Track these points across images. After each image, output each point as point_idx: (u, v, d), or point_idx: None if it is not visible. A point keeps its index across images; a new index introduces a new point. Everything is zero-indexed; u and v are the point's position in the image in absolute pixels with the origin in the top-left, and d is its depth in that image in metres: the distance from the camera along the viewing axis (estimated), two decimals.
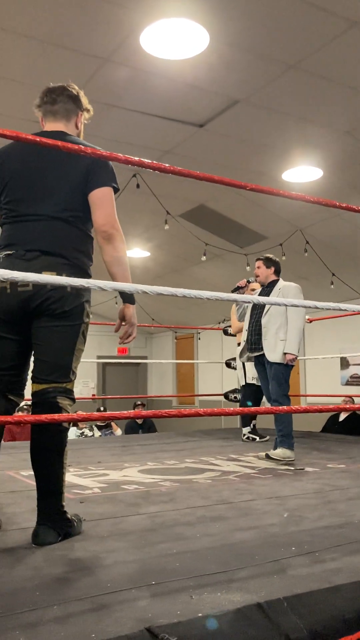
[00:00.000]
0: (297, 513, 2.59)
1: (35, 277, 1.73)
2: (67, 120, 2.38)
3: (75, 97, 2.40)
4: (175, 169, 2.07)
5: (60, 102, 2.36)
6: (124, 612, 1.43)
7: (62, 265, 2.19)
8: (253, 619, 1.39)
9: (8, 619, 1.41)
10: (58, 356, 2.22)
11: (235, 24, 3.70)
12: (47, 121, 2.39)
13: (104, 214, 2.23)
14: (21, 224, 2.23)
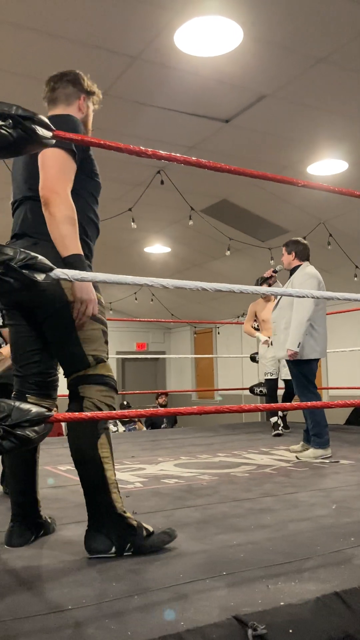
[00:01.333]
0: (345, 505, 2.62)
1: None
2: (67, 104, 2.28)
3: (74, 80, 2.30)
4: (201, 162, 2.06)
5: (59, 88, 2.29)
6: (205, 602, 1.47)
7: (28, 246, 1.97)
8: (333, 608, 1.43)
9: (95, 607, 1.46)
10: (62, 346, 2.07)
11: (268, 19, 3.70)
12: (50, 109, 2.31)
13: (43, 177, 2.02)
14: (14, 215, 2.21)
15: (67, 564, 1.85)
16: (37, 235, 2.06)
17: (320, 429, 4.11)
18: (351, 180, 6.01)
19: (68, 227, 1.99)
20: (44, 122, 1.71)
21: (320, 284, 4.23)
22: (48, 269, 1.67)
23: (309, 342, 4.15)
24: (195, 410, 1.92)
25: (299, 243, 4.40)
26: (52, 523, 2.31)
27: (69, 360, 2.07)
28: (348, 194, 2.33)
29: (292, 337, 4.11)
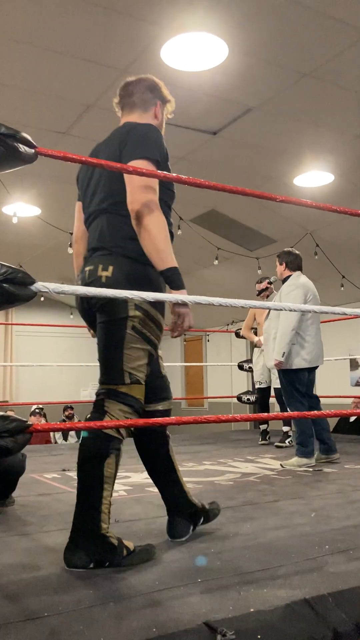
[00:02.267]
0: (324, 512, 2.66)
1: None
2: (143, 110, 2.25)
3: (153, 87, 2.29)
4: (181, 178, 2.08)
5: (137, 93, 2.25)
6: (178, 608, 1.51)
7: (102, 257, 2.07)
8: (302, 614, 1.47)
9: (70, 614, 1.49)
10: (105, 354, 2.08)
11: (253, 36, 3.78)
12: (123, 115, 2.28)
13: (132, 190, 2.01)
14: (89, 227, 2.24)
15: (45, 571, 1.88)
16: (112, 247, 2.09)
17: (305, 438, 4.14)
18: (337, 192, 6.10)
19: (163, 240, 2.00)
20: (26, 140, 1.76)
21: (307, 294, 4.24)
22: (29, 282, 1.71)
23: (297, 352, 4.16)
24: (174, 420, 1.97)
25: (290, 254, 4.44)
26: (213, 508, 2.40)
27: (107, 370, 2.08)
28: (326, 209, 2.39)
29: (277, 347, 4.15)
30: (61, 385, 12.38)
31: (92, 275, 2.06)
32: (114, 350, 2.05)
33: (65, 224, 6.93)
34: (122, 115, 2.30)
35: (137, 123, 2.18)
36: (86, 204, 2.25)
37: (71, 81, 4.34)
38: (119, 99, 2.30)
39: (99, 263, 2.07)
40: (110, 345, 2.06)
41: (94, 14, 3.58)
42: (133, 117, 2.24)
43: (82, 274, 2.14)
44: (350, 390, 9.34)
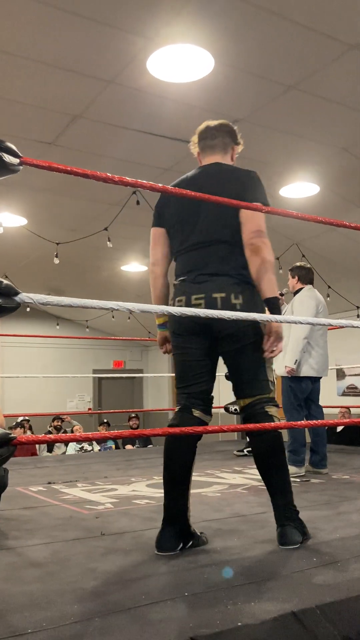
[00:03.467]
0: (312, 525, 2.64)
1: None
2: (224, 153, 2.56)
3: (232, 132, 2.61)
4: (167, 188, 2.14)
5: (219, 137, 2.56)
6: (165, 623, 1.48)
7: (230, 285, 2.35)
8: (290, 627, 1.45)
9: (54, 631, 1.47)
10: (254, 372, 2.40)
11: (239, 48, 3.81)
12: (205, 155, 2.57)
13: (252, 227, 2.38)
14: (190, 253, 2.44)
15: (29, 587, 1.85)
16: (237, 276, 2.38)
17: (297, 446, 4.23)
18: (323, 203, 6.14)
19: (272, 272, 2.37)
20: (11, 149, 1.75)
21: (319, 306, 4.50)
22: (13, 293, 1.69)
23: (307, 361, 4.35)
24: (160, 432, 1.95)
25: (302, 268, 4.73)
26: (202, 537, 2.41)
27: (254, 385, 2.40)
28: (312, 219, 2.39)
29: (289, 355, 4.29)
30: (47, 396, 12.30)
31: (226, 302, 2.32)
32: (261, 367, 2.40)
33: (52, 234, 6.92)
34: (203, 157, 2.59)
35: (245, 170, 2.52)
36: (187, 232, 2.45)
37: (58, 92, 4.33)
38: (199, 139, 2.61)
39: (230, 291, 2.34)
40: (257, 364, 2.39)
41: (81, 26, 3.58)
42: (216, 158, 2.54)
43: (207, 299, 2.34)
44: (337, 400, 9.36)
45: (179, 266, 2.50)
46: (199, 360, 2.42)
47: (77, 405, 13.01)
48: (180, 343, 2.44)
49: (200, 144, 2.60)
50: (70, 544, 2.39)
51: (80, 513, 3.03)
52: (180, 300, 2.39)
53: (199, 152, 2.61)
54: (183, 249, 2.47)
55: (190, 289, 2.38)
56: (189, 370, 2.43)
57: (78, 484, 4.04)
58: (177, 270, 2.51)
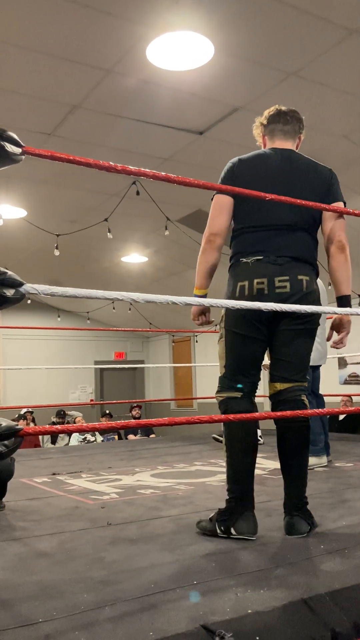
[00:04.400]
0: (317, 513, 2.64)
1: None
2: (293, 140, 2.57)
3: (301, 121, 2.60)
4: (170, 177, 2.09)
5: (291, 124, 2.55)
6: (175, 611, 1.49)
7: (310, 271, 2.39)
8: (300, 615, 1.46)
9: (65, 620, 1.47)
10: (303, 357, 2.41)
11: (239, 35, 3.78)
12: (277, 139, 2.55)
13: (342, 225, 2.47)
14: (269, 232, 2.39)
15: (38, 577, 1.86)
16: (314, 265, 2.43)
17: (314, 436, 4.09)
18: None
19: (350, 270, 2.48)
20: (13, 139, 1.73)
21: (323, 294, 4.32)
22: (18, 284, 1.68)
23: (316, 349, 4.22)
24: (166, 421, 1.95)
25: None
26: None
27: (300, 370, 2.41)
28: (315, 207, 2.38)
29: None
30: (49, 388, 12.32)
31: (309, 285, 2.36)
32: (309, 354, 2.44)
33: (52, 226, 6.89)
34: (274, 139, 2.56)
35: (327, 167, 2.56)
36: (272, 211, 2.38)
37: (56, 82, 4.30)
38: (271, 122, 2.57)
39: (312, 276, 2.39)
40: (309, 350, 2.43)
41: (79, 14, 3.55)
42: (289, 145, 2.54)
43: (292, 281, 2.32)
44: (339, 389, 9.37)
45: (250, 243, 2.40)
46: (262, 350, 2.42)
47: (80, 397, 13.03)
48: (244, 331, 2.37)
49: (271, 126, 2.57)
50: (77, 534, 2.39)
51: (86, 503, 3.03)
52: (261, 282, 2.32)
53: (266, 135, 2.59)
54: (262, 227, 2.40)
55: (272, 270, 2.33)
56: (249, 359, 2.40)
57: (82, 474, 4.05)
58: (244, 247, 2.41)
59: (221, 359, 2.45)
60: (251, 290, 2.33)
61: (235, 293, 2.36)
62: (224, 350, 2.43)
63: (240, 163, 2.48)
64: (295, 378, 2.39)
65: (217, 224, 2.46)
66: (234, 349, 2.40)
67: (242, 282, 2.35)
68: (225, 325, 2.43)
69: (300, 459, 2.36)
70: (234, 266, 2.45)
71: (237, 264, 2.42)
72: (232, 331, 2.39)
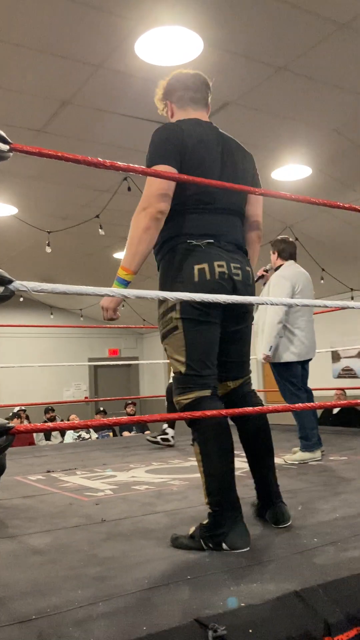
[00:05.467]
0: (311, 505, 2.67)
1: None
2: (206, 111, 2.41)
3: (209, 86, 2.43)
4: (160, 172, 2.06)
5: (202, 91, 2.37)
6: (168, 606, 1.49)
7: (246, 261, 2.30)
8: (292, 607, 1.46)
9: (59, 616, 1.47)
10: (249, 354, 2.40)
11: (228, 30, 3.77)
12: (189, 108, 2.33)
13: (260, 211, 2.44)
14: (215, 216, 2.20)
15: (32, 574, 1.86)
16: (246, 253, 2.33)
17: (306, 431, 4.03)
18: (315, 185, 6.12)
19: None
20: (1, 136, 1.73)
21: (296, 286, 4.09)
22: (7, 281, 1.67)
23: (286, 346, 4.03)
24: (158, 417, 1.95)
25: (282, 242, 4.28)
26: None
27: (247, 365, 2.39)
28: (305, 201, 2.38)
29: (264, 340, 4.05)
30: (43, 386, 12.30)
31: (252, 278, 2.28)
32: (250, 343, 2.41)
33: (43, 223, 6.88)
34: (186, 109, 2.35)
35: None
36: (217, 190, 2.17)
37: (45, 77, 4.29)
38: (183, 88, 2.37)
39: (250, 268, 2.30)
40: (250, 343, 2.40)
41: (67, 9, 3.53)
42: (205, 116, 2.37)
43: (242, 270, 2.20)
44: (333, 383, 9.41)
45: (196, 225, 2.16)
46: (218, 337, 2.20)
47: (74, 394, 13.03)
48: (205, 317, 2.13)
49: (188, 93, 2.32)
50: (71, 530, 2.39)
51: (80, 500, 3.03)
52: (221, 265, 2.11)
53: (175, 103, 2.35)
54: (207, 209, 2.18)
55: (226, 255, 2.16)
56: (213, 348, 2.16)
57: (77, 471, 4.05)
58: (189, 228, 2.16)
59: (179, 354, 2.13)
60: (212, 273, 2.10)
61: (194, 277, 2.08)
62: (184, 343, 2.12)
63: (184, 132, 2.17)
64: (245, 373, 2.39)
65: (163, 201, 2.10)
66: (198, 339, 2.11)
67: (200, 265, 2.10)
68: (182, 314, 2.12)
69: (270, 449, 2.36)
70: (179, 248, 2.15)
71: (184, 245, 2.14)
72: (194, 319, 2.11)
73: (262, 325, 4.19)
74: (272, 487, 2.34)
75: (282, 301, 2.39)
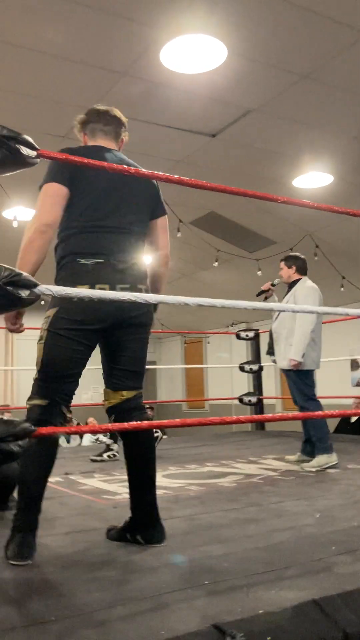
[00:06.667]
0: (329, 513, 2.66)
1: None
2: (115, 141, 2.51)
3: (123, 123, 2.55)
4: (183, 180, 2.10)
5: (113, 124, 2.49)
6: (186, 611, 1.50)
7: (146, 279, 2.36)
8: (311, 616, 1.46)
9: (77, 619, 1.49)
10: (142, 363, 2.38)
11: (252, 38, 3.79)
12: (98, 137, 2.48)
13: (167, 241, 2.49)
14: (110, 234, 2.28)
15: (51, 576, 1.88)
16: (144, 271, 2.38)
17: (323, 434, 4.18)
18: (337, 193, 6.10)
19: None
20: (28, 142, 1.76)
21: (320, 298, 4.37)
22: (32, 285, 1.70)
23: (309, 354, 4.23)
24: (179, 422, 1.96)
25: (299, 258, 4.55)
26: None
27: (141, 377, 2.37)
28: (327, 209, 2.38)
29: (296, 348, 4.17)
30: None
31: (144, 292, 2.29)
32: (145, 360, 2.40)
33: None
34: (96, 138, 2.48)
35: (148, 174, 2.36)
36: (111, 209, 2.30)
37: (70, 85, 4.34)
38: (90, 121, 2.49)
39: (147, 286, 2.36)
40: (145, 356, 2.39)
41: (93, 18, 3.58)
42: (112, 145, 2.49)
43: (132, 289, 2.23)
44: (351, 391, 9.34)
45: (89, 244, 2.24)
46: (83, 357, 2.24)
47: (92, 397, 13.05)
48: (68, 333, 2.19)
49: (91, 125, 2.48)
50: (90, 533, 2.41)
51: (98, 503, 3.06)
52: (103, 288, 2.17)
53: (87, 134, 2.50)
54: (102, 227, 2.26)
55: (113, 276, 2.21)
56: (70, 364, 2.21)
57: (95, 474, 4.07)
58: (81, 247, 2.24)
59: (37, 361, 2.26)
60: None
61: (73, 298, 2.08)
62: (42, 353, 2.24)
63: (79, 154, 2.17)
64: (137, 386, 2.36)
65: (52, 215, 2.20)
66: (55, 353, 2.21)
67: (82, 286, 2.15)
68: (50, 327, 2.22)
69: (153, 466, 2.30)
70: (68, 267, 2.24)
71: (73, 265, 2.22)
72: (57, 333, 2.20)
73: (285, 333, 4.33)
74: (150, 505, 2.26)
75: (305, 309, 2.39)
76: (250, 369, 6.17)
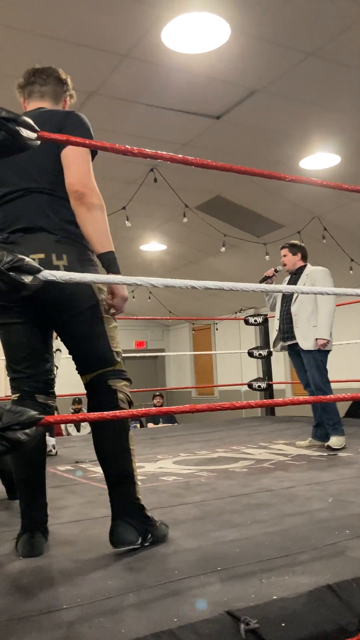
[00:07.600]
0: (341, 498, 2.63)
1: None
2: (55, 102, 2.30)
3: (64, 81, 2.34)
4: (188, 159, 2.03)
5: (50, 84, 2.29)
6: (199, 597, 1.48)
7: (50, 243, 2.00)
8: (326, 601, 1.43)
9: (89, 606, 1.47)
10: (90, 343, 2.08)
11: (256, 15, 3.71)
12: (32, 100, 2.28)
13: (75, 172, 2.03)
14: (3, 206, 2.08)
15: (63, 564, 1.86)
16: (59, 232, 2.03)
17: (338, 417, 4.32)
18: (344, 174, 6.01)
19: (104, 222, 2.01)
20: (28, 124, 1.71)
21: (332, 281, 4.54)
22: (35, 270, 1.67)
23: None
24: (188, 408, 1.93)
25: (302, 247, 4.67)
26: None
27: (96, 356, 2.08)
28: (336, 187, 2.33)
29: (323, 328, 4.28)
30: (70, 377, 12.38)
31: (47, 265, 1.89)
32: (99, 337, 2.08)
33: None
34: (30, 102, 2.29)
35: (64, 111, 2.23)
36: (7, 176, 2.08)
37: (72, 68, 4.21)
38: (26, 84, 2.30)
39: (51, 252, 1.99)
40: (94, 334, 2.07)
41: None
42: (45, 104, 2.27)
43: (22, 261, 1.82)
44: None
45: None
46: (33, 334, 2.07)
47: None
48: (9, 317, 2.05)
49: (27, 88, 2.29)
50: (100, 521, 2.39)
51: None
52: None
53: (26, 97, 2.31)
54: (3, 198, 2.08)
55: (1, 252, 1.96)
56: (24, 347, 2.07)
57: None
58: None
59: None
60: None
61: None
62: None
63: None
64: (95, 367, 2.08)
65: None
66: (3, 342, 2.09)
67: None
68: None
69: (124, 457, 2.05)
70: None
71: None
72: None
73: (306, 316, 4.41)
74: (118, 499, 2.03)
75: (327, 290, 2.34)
76: (260, 354, 6.13)
